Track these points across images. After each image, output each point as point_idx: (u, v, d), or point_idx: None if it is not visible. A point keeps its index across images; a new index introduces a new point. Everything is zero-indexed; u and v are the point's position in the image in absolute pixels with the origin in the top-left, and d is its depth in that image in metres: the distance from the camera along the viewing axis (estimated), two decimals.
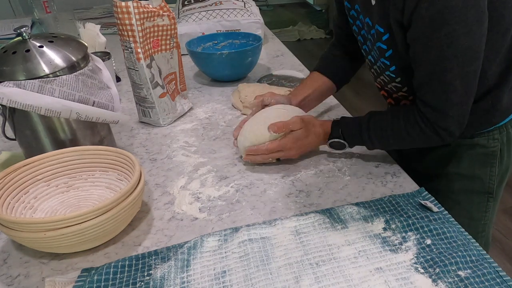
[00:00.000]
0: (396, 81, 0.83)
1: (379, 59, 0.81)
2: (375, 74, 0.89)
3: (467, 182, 0.90)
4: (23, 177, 0.72)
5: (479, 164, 0.89)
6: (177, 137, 1.00)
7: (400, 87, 0.85)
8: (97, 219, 0.61)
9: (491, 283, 0.57)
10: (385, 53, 0.78)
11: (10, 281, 0.63)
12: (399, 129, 0.78)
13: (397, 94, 0.88)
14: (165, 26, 0.97)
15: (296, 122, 0.82)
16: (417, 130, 0.76)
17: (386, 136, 0.80)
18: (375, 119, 0.81)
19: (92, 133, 0.83)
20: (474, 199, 0.92)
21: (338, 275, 0.59)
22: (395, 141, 0.80)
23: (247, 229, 0.68)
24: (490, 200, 0.92)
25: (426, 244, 0.64)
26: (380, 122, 0.80)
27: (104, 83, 0.83)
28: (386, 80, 0.86)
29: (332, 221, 0.69)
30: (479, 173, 0.89)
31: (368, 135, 0.81)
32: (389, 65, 0.80)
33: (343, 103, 1.14)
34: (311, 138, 0.84)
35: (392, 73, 0.81)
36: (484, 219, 0.94)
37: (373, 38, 0.79)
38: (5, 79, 0.72)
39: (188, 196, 0.79)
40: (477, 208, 0.93)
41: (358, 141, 0.83)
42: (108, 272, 0.61)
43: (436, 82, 0.71)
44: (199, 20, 1.50)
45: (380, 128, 0.80)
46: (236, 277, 0.60)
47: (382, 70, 0.83)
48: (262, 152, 0.82)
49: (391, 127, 0.79)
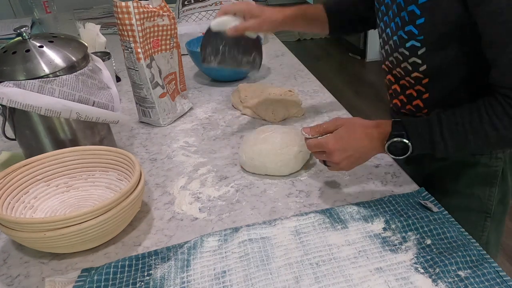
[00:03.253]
0: (418, 53, 0.73)
1: (405, 26, 0.72)
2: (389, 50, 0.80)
3: (464, 200, 0.85)
4: (23, 177, 0.72)
5: (479, 183, 0.83)
6: (177, 137, 1.00)
7: (418, 64, 0.75)
8: (97, 219, 0.61)
9: (491, 283, 0.57)
10: (416, 20, 0.69)
11: (10, 281, 0.63)
12: (481, 122, 0.65)
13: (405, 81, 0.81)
14: (165, 26, 0.97)
15: (332, 121, 0.71)
16: (505, 121, 0.64)
17: (463, 133, 0.66)
18: (447, 115, 0.68)
19: (92, 133, 0.83)
20: (471, 218, 0.86)
21: (338, 275, 0.59)
22: (475, 139, 0.66)
23: (247, 229, 0.68)
24: (487, 220, 0.86)
25: (426, 244, 0.64)
26: (454, 117, 0.67)
27: (104, 83, 0.83)
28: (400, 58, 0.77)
29: (332, 221, 0.69)
30: (478, 193, 0.84)
31: (441, 132, 0.67)
32: (417, 34, 0.70)
33: (343, 103, 1.14)
34: (361, 139, 0.70)
35: (417, 41, 0.72)
36: (481, 239, 0.87)
37: (405, 2, 0.70)
38: (5, 79, 0.72)
39: (188, 196, 0.79)
40: (474, 227, 0.85)
41: (426, 141, 0.68)
42: (108, 272, 0.61)
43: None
44: (199, 20, 1.50)
45: (456, 124, 0.66)
46: (236, 277, 0.60)
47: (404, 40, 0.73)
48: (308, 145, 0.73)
49: (470, 121, 0.66)
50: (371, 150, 0.72)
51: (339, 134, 0.70)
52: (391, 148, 0.69)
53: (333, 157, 0.70)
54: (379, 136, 0.70)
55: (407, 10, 0.70)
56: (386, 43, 0.81)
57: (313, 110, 1.09)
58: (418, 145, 0.69)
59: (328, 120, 1.04)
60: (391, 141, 0.69)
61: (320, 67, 3.78)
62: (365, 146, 0.70)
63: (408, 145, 0.68)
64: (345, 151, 0.69)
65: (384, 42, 0.82)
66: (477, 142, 0.67)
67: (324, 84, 1.26)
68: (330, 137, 0.70)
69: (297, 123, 1.04)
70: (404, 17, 0.71)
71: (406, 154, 0.69)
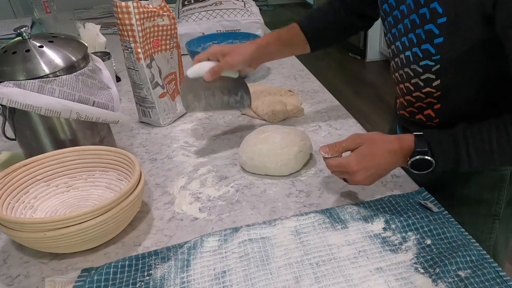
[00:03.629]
0: (432, 70, 0.71)
1: (420, 45, 0.70)
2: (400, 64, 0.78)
3: (473, 205, 0.84)
4: (23, 177, 0.72)
5: (488, 188, 0.82)
6: (177, 137, 1.00)
7: (431, 80, 0.73)
8: (97, 219, 0.61)
9: (491, 283, 0.57)
10: (434, 39, 0.67)
11: (10, 281, 0.63)
12: (508, 141, 0.63)
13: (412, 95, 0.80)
14: (165, 26, 0.97)
15: (351, 139, 0.68)
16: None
17: (489, 152, 0.64)
18: (472, 132, 0.65)
19: (92, 133, 0.83)
20: (479, 222, 0.85)
21: (338, 275, 0.59)
22: (501, 158, 0.64)
23: (247, 229, 0.68)
24: (495, 222, 0.85)
25: (426, 244, 0.64)
26: (480, 134, 0.64)
27: (104, 83, 0.83)
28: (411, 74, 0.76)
29: (332, 221, 0.69)
30: (487, 197, 0.83)
31: (467, 150, 0.64)
32: (434, 53, 0.69)
33: (343, 103, 1.14)
34: (382, 156, 0.67)
35: (432, 61, 0.70)
36: (489, 241, 0.87)
37: (421, 19, 0.68)
38: (5, 79, 0.72)
39: (188, 196, 0.79)
40: (481, 230, 0.86)
41: (451, 158, 0.66)
42: (108, 272, 0.61)
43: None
44: (199, 20, 1.50)
45: (482, 141, 0.64)
46: (236, 277, 0.60)
47: (418, 59, 0.72)
48: (328, 165, 0.70)
49: (497, 139, 0.63)
50: (393, 166, 0.70)
51: (360, 153, 0.67)
52: (414, 163, 0.67)
53: (355, 177, 0.67)
54: (402, 152, 0.67)
55: (423, 29, 0.68)
56: (396, 56, 0.79)
57: (313, 110, 1.10)
58: (442, 162, 0.66)
59: (328, 119, 1.04)
60: (414, 158, 0.66)
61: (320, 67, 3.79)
62: (388, 162, 0.68)
63: (432, 162, 0.66)
64: (368, 170, 0.67)
65: (394, 54, 0.80)
66: (503, 160, 0.65)
67: (324, 84, 1.26)
68: (352, 157, 0.67)
69: (297, 123, 1.04)
70: (420, 35, 0.69)
71: (429, 169, 0.67)
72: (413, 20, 0.70)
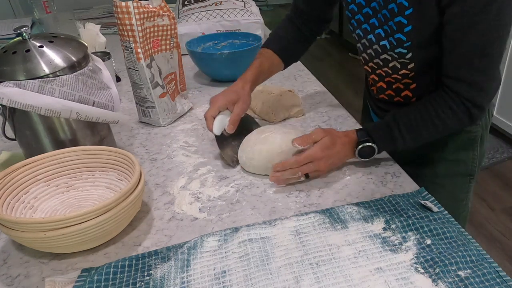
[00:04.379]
0: (406, 57, 0.82)
1: (393, 35, 0.80)
2: (374, 54, 0.87)
3: (451, 165, 0.95)
4: (23, 177, 0.72)
5: (463, 149, 0.93)
6: (177, 137, 1.00)
7: (406, 63, 0.83)
8: (97, 219, 0.61)
9: (491, 283, 0.57)
10: (404, 28, 0.77)
11: (10, 281, 0.63)
12: (430, 117, 0.77)
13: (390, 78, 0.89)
14: (165, 26, 0.97)
15: (318, 132, 0.79)
16: (449, 113, 0.76)
17: (417, 128, 0.79)
18: (401, 115, 0.80)
19: (92, 133, 0.83)
20: (457, 182, 0.97)
21: (338, 275, 0.59)
22: (427, 131, 0.79)
23: (247, 229, 0.68)
24: (471, 181, 0.97)
25: (426, 244, 0.64)
26: (407, 115, 0.79)
27: (104, 83, 0.83)
28: (389, 58, 0.85)
29: (332, 221, 0.69)
30: (463, 157, 0.94)
31: (399, 130, 0.79)
32: (405, 40, 0.79)
33: (343, 103, 1.14)
34: (339, 147, 0.79)
35: (404, 48, 0.80)
36: (465, 199, 1.00)
37: (391, 13, 0.77)
38: (5, 79, 0.72)
39: (188, 196, 0.79)
40: (460, 190, 0.98)
41: (388, 141, 0.80)
42: (108, 272, 0.61)
43: (475, 57, 0.72)
44: (199, 20, 1.50)
45: (409, 121, 0.79)
46: (236, 277, 0.60)
47: (393, 47, 0.81)
48: (290, 165, 0.77)
49: (421, 117, 0.78)
50: (346, 157, 0.83)
51: (324, 143, 0.78)
52: (361, 152, 0.81)
53: (320, 164, 0.78)
54: (350, 144, 0.81)
55: (394, 21, 0.77)
56: (368, 47, 0.88)
57: (313, 110, 1.10)
58: (382, 145, 0.81)
59: (328, 119, 1.04)
60: (360, 146, 0.80)
61: (320, 67, 3.79)
62: (342, 151, 0.81)
63: (374, 148, 0.80)
64: (330, 158, 0.79)
65: (365, 47, 0.89)
66: (429, 133, 0.80)
67: (324, 84, 1.26)
68: (317, 147, 0.78)
69: (297, 123, 1.04)
70: (392, 26, 0.78)
71: (373, 155, 0.82)
72: (384, 15, 0.79)
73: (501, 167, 2.36)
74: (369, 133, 0.81)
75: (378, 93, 0.97)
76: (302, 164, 0.78)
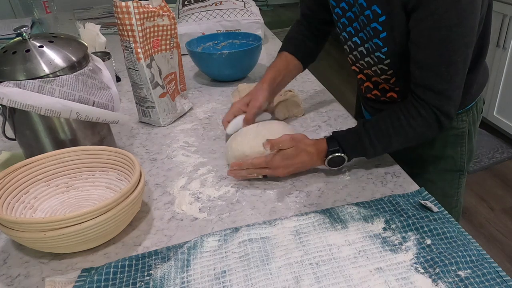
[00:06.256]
0: (384, 63, 0.83)
1: (372, 39, 0.82)
2: (359, 56, 0.89)
3: (440, 162, 0.96)
4: (23, 177, 0.72)
5: (450, 145, 0.95)
6: (177, 137, 1.00)
7: (385, 70, 0.85)
8: (97, 219, 0.61)
9: (491, 283, 0.57)
10: (380, 35, 0.79)
11: (10, 281, 0.63)
12: (400, 125, 0.78)
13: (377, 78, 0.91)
14: (165, 26, 0.97)
15: (285, 141, 0.78)
16: (419, 120, 0.77)
17: (387, 136, 0.79)
18: (371, 124, 0.80)
19: (92, 133, 0.83)
20: (447, 177, 0.98)
21: (338, 275, 0.59)
22: (397, 139, 0.79)
23: (247, 229, 0.68)
24: (461, 177, 0.99)
25: (426, 244, 0.64)
26: (377, 124, 0.79)
27: (104, 83, 0.83)
28: (371, 62, 0.87)
29: (332, 221, 0.69)
30: (451, 153, 0.95)
31: (370, 140, 0.79)
32: (382, 46, 0.80)
33: (343, 103, 1.14)
34: (302, 157, 0.79)
35: (382, 54, 0.82)
36: (457, 195, 1.01)
37: (368, 20, 0.80)
38: (5, 79, 0.72)
39: (188, 196, 0.79)
40: (450, 185, 0.99)
41: (359, 150, 0.80)
42: (108, 272, 0.61)
43: (441, 65, 0.73)
44: (199, 20, 1.50)
45: (380, 130, 0.79)
46: (236, 277, 0.60)
47: (373, 50, 0.83)
48: (247, 166, 0.80)
49: (392, 125, 0.78)
50: (312, 165, 0.83)
51: (286, 154, 0.78)
52: (330, 162, 0.80)
53: (276, 172, 0.80)
54: (318, 155, 0.80)
55: (370, 27, 0.80)
56: (354, 49, 0.90)
57: (313, 110, 1.10)
58: (352, 154, 0.81)
59: (328, 119, 1.04)
60: (330, 156, 0.79)
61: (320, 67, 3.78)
62: (305, 161, 0.80)
63: (344, 158, 0.80)
64: (287, 168, 0.80)
65: (351, 49, 0.91)
66: (400, 141, 0.80)
67: (324, 84, 1.26)
68: (277, 157, 0.78)
69: (297, 123, 1.04)
70: (370, 31, 0.81)
71: (342, 164, 0.81)
72: (362, 21, 0.82)
73: (501, 167, 2.35)
74: (339, 142, 0.80)
75: (366, 92, 0.99)
76: (258, 168, 0.79)
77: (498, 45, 2.33)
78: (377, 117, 0.81)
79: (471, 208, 2.07)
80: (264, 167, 0.79)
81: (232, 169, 0.81)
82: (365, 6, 0.79)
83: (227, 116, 0.92)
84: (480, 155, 2.41)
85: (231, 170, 0.81)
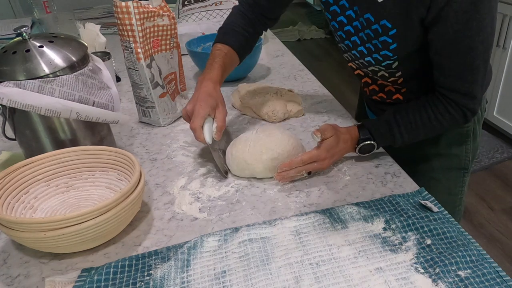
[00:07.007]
0: (392, 67, 0.86)
1: (379, 52, 0.83)
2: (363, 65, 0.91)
3: (445, 160, 0.98)
4: (23, 177, 0.72)
5: (455, 143, 0.96)
6: (177, 137, 1.00)
7: (394, 72, 0.88)
8: (97, 219, 0.61)
9: (491, 283, 0.57)
10: (389, 46, 0.81)
11: (10, 281, 0.63)
12: (429, 119, 0.82)
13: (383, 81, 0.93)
14: (165, 26, 0.97)
15: (328, 129, 0.80)
16: (447, 117, 0.82)
17: (416, 128, 0.83)
18: (401, 115, 0.83)
19: (92, 133, 0.83)
20: (451, 176, 1.00)
21: (338, 275, 0.59)
22: (424, 131, 0.84)
23: (247, 229, 0.68)
24: (465, 175, 1.01)
25: (426, 244, 0.64)
26: (407, 116, 0.83)
27: (104, 83, 0.83)
28: (376, 69, 0.89)
29: (332, 221, 0.69)
30: (456, 151, 0.97)
31: (399, 130, 0.83)
32: (391, 56, 0.83)
33: (343, 103, 1.14)
34: (341, 145, 0.82)
35: (391, 60, 0.84)
36: (460, 194, 1.03)
37: (375, 33, 0.81)
38: (5, 79, 0.72)
39: (188, 196, 0.79)
40: (454, 184, 1.01)
41: (388, 139, 0.84)
42: (108, 272, 0.61)
43: (466, 70, 0.77)
44: (199, 20, 1.50)
45: (409, 122, 0.83)
46: (236, 277, 0.60)
47: (379, 61, 0.86)
48: (296, 164, 0.78)
49: (420, 119, 0.83)
50: (347, 152, 0.86)
51: (329, 144, 0.80)
52: (361, 149, 0.84)
53: (324, 164, 0.81)
54: (352, 141, 0.84)
55: (379, 40, 0.81)
56: (357, 58, 0.91)
57: (313, 110, 1.10)
58: (382, 143, 0.85)
59: (328, 119, 1.04)
60: (361, 144, 0.83)
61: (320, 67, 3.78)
62: (343, 149, 0.83)
63: (374, 145, 0.84)
64: (333, 157, 0.82)
65: (355, 57, 0.92)
66: (427, 133, 0.85)
67: (324, 84, 1.26)
68: (323, 149, 0.80)
69: (297, 123, 1.04)
70: (377, 44, 0.82)
71: (372, 151, 0.85)
72: (367, 34, 0.83)
73: (501, 167, 2.35)
74: (370, 131, 0.84)
75: (371, 95, 1.00)
76: (307, 163, 0.79)
77: (498, 45, 2.33)
78: (406, 108, 0.84)
79: (471, 208, 2.07)
80: (313, 161, 0.80)
81: (281, 171, 0.79)
82: (372, 21, 0.79)
83: (198, 121, 0.82)
84: (480, 155, 2.41)
85: (279, 173, 0.79)
